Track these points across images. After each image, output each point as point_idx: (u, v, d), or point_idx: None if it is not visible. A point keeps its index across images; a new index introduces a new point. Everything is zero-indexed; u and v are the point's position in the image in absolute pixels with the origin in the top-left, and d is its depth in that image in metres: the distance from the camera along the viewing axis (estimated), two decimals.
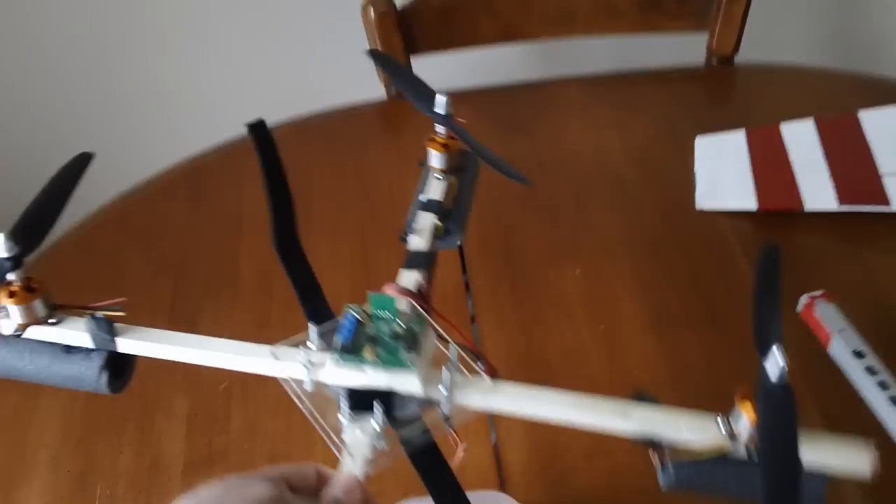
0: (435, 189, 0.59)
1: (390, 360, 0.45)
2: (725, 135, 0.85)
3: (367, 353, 0.46)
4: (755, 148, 0.83)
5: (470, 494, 0.45)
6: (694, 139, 0.84)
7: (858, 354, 0.60)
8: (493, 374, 0.47)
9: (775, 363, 0.42)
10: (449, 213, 0.59)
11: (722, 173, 0.81)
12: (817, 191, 0.78)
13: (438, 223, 0.57)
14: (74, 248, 0.78)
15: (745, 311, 0.59)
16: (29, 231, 0.47)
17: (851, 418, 0.61)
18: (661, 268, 0.73)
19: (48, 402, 0.66)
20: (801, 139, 0.83)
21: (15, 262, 0.46)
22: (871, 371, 0.60)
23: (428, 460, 0.45)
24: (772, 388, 0.42)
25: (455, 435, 0.46)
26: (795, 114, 0.85)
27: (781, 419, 0.42)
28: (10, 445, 0.64)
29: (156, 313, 0.71)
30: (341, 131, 0.91)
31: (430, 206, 0.58)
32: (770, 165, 0.81)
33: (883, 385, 0.59)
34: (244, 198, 0.72)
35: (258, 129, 0.54)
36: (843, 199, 0.76)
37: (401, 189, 0.80)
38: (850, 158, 0.80)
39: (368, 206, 0.79)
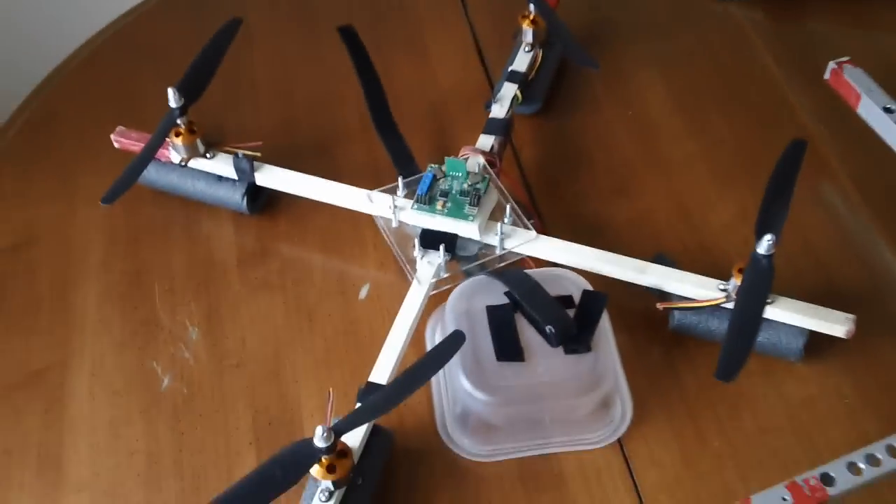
0: (521, 61, 0.69)
1: (456, 212, 0.58)
2: None
3: (439, 204, 0.58)
4: None
5: (541, 272, 0.56)
6: None
7: (888, 110, 0.65)
8: (540, 228, 0.59)
9: (765, 246, 0.52)
10: (530, 83, 0.69)
11: None
12: None
13: (518, 93, 0.67)
14: (86, 66, 0.78)
15: (767, 89, 0.72)
16: (192, 85, 0.61)
17: (882, 175, 0.67)
18: (681, 55, 0.76)
19: (87, 211, 0.67)
20: None
21: (181, 110, 0.60)
22: None
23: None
24: (758, 258, 0.52)
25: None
26: None
27: (757, 281, 0.52)
28: (57, 252, 0.65)
29: None
30: None
31: (514, 76, 0.68)
32: None
33: None
34: (247, 7, 0.70)
35: (348, 35, 0.65)
36: None
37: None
38: None
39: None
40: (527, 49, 0.70)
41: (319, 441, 0.45)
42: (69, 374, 0.58)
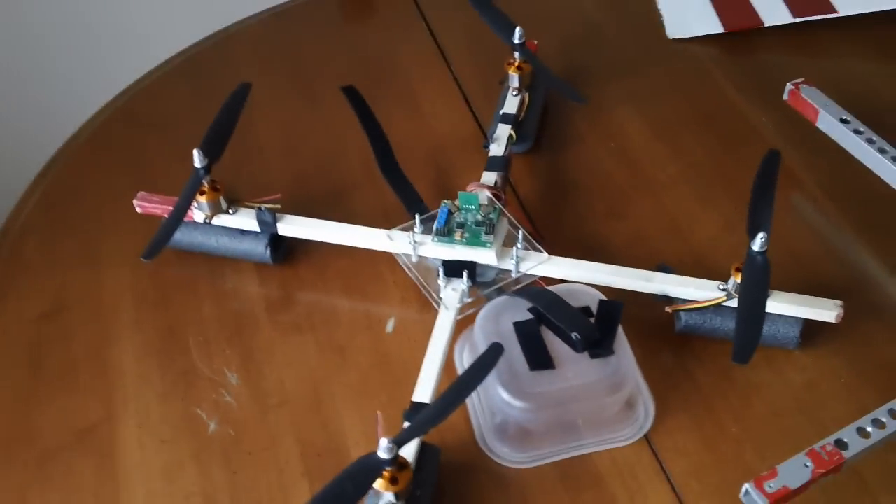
0: (511, 104, 0.75)
1: (473, 241, 0.62)
2: None
3: (457, 235, 0.63)
4: None
5: (556, 288, 0.61)
6: None
7: (845, 121, 0.72)
8: (549, 251, 0.64)
9: (759, 244, 0.57)
10: (521, 123, 0.74)
11: (683, 6, 0.91)
12: (771, 7, 0.88)
13: (513, 133, 0.73)
14: (96, 138, 0.82)
15: (733, 114, 0.81)
16: (213, 145, 0.65)
17: (845, 178, 0.73)
18: (652, 90, 0.83)
19: (114, 272, 0.69)
20: None
21: (206, 169, 0.64)
22: (857, 132, 0.71)
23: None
24: (754, 255, 0.57)
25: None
26: None
27: (756, 275, 0.57)
28: (89, 314, 0.67)
29: None
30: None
31: (506, 118, 0.74)
32: None
33: (870, 141, 0.70)
34: (242, 75, 0.72)
35: (351, 93, 0.70)
36: (795, 12, 0.87)
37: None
38: None
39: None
40: (514, 93, 0.76)
41: (384, 453, 0.48)
42: (116, 429, 0.61)
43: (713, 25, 0.89)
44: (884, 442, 0.52)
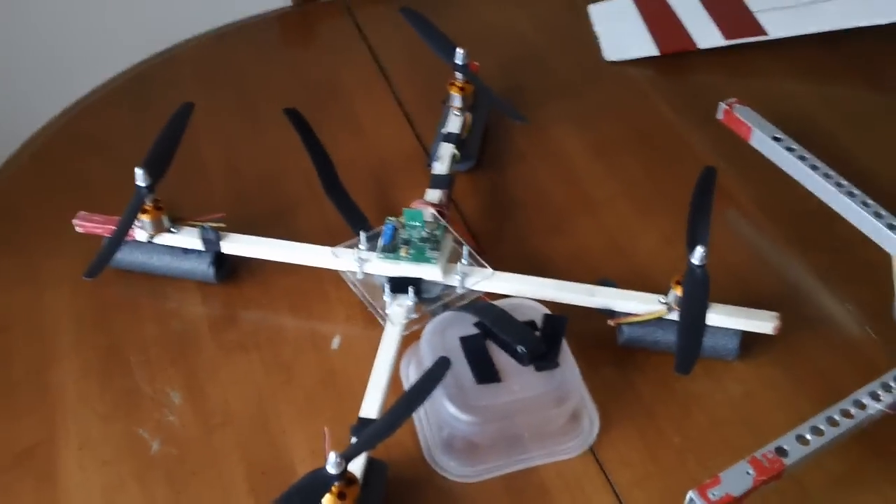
0: (453, 124, 0.76)
1: (419, 257, 0.63)
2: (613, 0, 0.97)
3: (402, 251, 0.63)
4: (640, 4, 0.96)
5: (501, 303, 0.61)
6: (587, 7, 0.97)
7: (777, 139, 0.74)
8: (492, 267, 0.65)
9: (698, 257, 0.59)
10: (464, 142, 0.75)
11: (620, 29, 0.94)
12: (704, 31, 0.92)
13: (456, 151, 0.74)
14: (37, 158, 0.81)
15: (668, 133, 0.83)
16: (156, 165, 0.65)
17: (778, 193, 0.75)
18: (590, 110, 0.85)
19: (54, 292, 0.69)
20: None
21: (149, 188, 0.64)
22: (790, 150, 0.73)
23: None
24: (693, 268, 0.59)
25: None
26: None
27: (696, 288, 0.59)
28: (29, 335, 0.66)
29: None
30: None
31: (449, 138, 0.75)
32: (658, 16, 0.94)
33: (802, 158, 0.72)
34: (187, 96, 0.71)
35: (294, 115, 0.71)
36: (727, 35, 0.90)
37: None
38: (721, 2, 0.94)
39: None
40: (456, 113, 0.77)
41: (332, 468, 0.48)
42: (57, 450, 0.60)
43: (649, 48, 0.91)
44: (822, 449, 0.54)
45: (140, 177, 0.63)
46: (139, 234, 0.66)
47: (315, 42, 0.96)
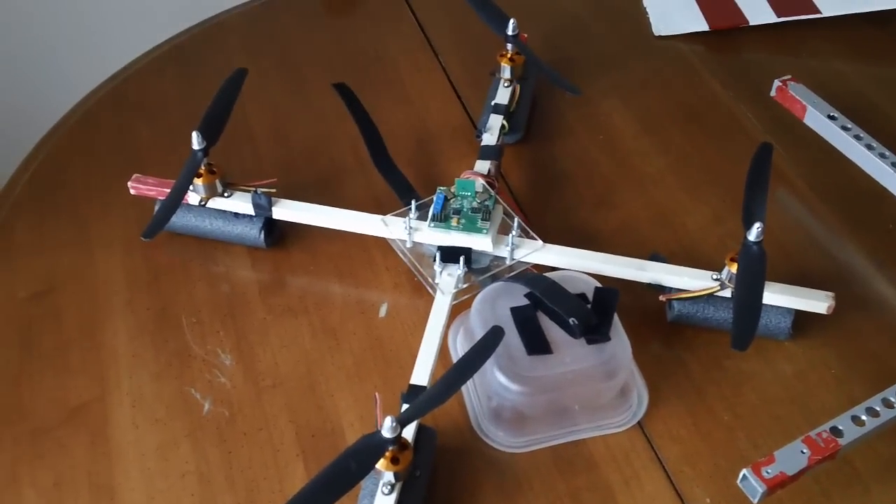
0: (502, 95, 0.76)
1: (469, 227, 0.63)
2: None
3: (453, 221, 0.63)
4: None
5: (551, 275, 0.61)
6: None
7: (832, 118, 0.74)
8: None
9: (755, 233, 0.58)
10: (512, 114, 0.75)
11: (669, 4, 0.93)
12: (755, 7, 0.90)
13: (505, 123, 0.73)
14: (86, 121, 0.81)
15: (719, 109, 0.82)
16: (211, 129, 0.65)
17: (830, 172, 0.75)
18: (638, 84, 0.85)
19: (105, 254, 0.69)
20: None
21: (204, 152, 0.64)
22: (845, 129, 0.73)
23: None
24: (749, 245, 0.58)
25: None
26: None
27: (753, 264, 0.58)
28: (81, 295, 0.67)
29: None
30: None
31: (498, 109, 0.74)
32: None
33: (858, 137, 0.72)
34: (233, 63, 0.71)
35: (343, 90, 0.71)
36: (778, 12, 0.89)
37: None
38: None
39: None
40: (506, 84, 0.76)
41: (388, 432, 0.49)
42: (110, 408, 0.60)
43: (698, 23, 0.90)
44: (877, 430, 0.53)
45: (196, 140, 0.63)
46: (192, 197, 0.66)
47: (360, 10, 0.95)
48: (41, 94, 1.07)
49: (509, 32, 0.74)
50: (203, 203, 0.66)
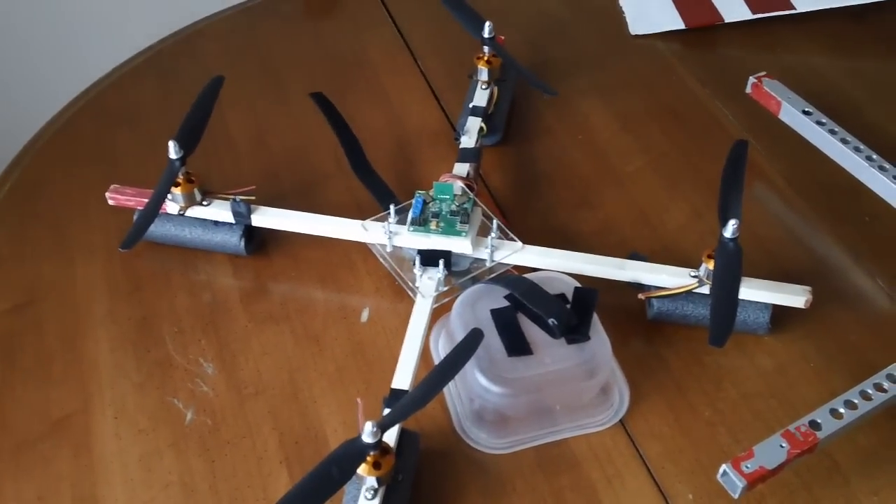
0: (480, 97, 0.76)
1: (449, 230, 0.63)
2: None
3: (433, 224, 0.63)
4: None
5: (531, 276, 0.61)
6: None
7: (807, 113, 0.74)
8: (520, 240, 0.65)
9: (730, 230, 0.59)
10: (490, 116, 0.75)
11: (644, 3, 0.93)
12: (730, 4, 0.91)
13: (483, 125, 0.73)
14: (65, 131, 0.81)
15: (696, 107, 0.82)
16: (188, 138, 0.65)
17: (807, 167, 0.75)
18: (617, 83, 0.85)
19: (86, 264, 0.69)
20: None
21: (181, 161, 0.64)
22: (820, 123, 0.73)
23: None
24: (726, 242, 0.59)
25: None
26: None
27: (729, 261, 0.59)
28: (62, 305, 0.66)
29: None
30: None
31: (476, 111, 0.74)
32: None
33: (832, 132, 0.72)
34: (211, 71, 0.71)
35: (320, 99, 0.71)
36: (753, 8, 0.90)
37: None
38: None
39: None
40: (483, 87, 0.76)
41: (368, 437, 0.49)
42: (92, 419, 0.60)
43: (674, 21, 0.90)
44: (855, 423, 0.54)
45: (173, 150, 0.63)
46: (170, 206, 0.66)
47: (339, 15, 0.95)
48: (20, 105, 1.07)
49: (485, 35, 0.75)
50: (182, 212, 0.66)
